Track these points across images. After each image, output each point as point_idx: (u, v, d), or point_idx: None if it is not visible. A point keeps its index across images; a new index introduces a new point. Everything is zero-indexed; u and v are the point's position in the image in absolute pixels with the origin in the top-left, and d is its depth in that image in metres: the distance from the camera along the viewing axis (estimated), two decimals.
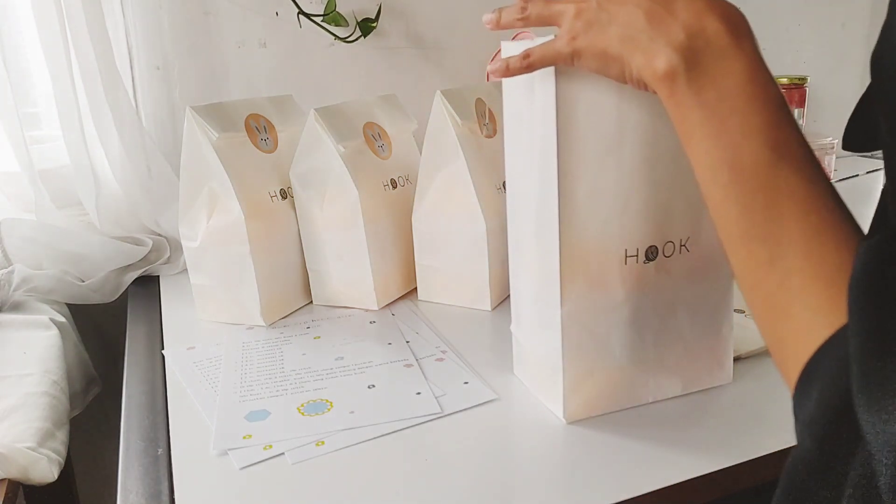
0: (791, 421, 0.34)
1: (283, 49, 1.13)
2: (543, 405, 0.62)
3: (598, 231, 0.55)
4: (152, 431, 0.62)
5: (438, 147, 0.82)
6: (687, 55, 0.40)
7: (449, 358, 0.72)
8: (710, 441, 0.56)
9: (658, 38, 0.41)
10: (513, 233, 0.64)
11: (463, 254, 0.84)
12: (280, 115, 0.89)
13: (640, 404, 0.61)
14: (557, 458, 0.55)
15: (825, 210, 0.35)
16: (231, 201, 0.78)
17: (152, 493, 0.53)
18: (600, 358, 0.58)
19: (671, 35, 0.41)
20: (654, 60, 0.41)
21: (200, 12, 1.07)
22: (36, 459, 0.65)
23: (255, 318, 0.82)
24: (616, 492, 0.50)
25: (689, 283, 0.59)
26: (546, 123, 0.53)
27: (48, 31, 0.90)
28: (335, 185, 0.82)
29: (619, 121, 0.53)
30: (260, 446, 0.57)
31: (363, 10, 1.15)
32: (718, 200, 0.38)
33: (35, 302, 0.93)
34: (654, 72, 0.41)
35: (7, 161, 0.96)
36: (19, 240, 0.94)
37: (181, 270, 1.01)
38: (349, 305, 0.88)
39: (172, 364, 0.73)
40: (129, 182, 0.98)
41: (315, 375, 0.69)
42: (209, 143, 0.77)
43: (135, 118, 0.97)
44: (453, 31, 1.23)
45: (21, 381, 0.75)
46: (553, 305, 0.57)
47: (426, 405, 0.63)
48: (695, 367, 0.62)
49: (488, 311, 0.85)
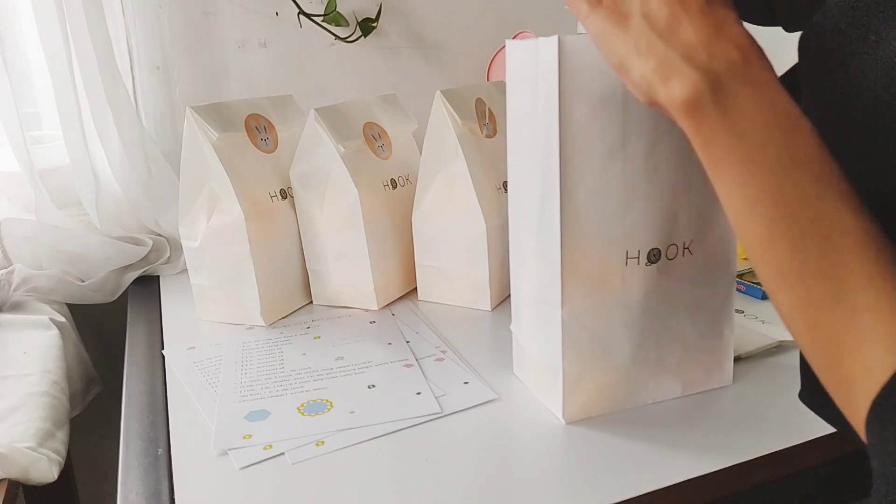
0: (791, 421, 0.34)
1: (283, 49, 1.13)
2: (543, 405, 0.62)
3: (600, 232, 0.55)
4: (152, 431, 0.62)
5: (438, 147, 0.82)
6: (710, 77, 0.38)
7: (449, 358, 0.72)
8: (710, 442, 0.56)
9: (679, 58, 0.39)
10: (514, 233, 0.64)
11: (463, 254, 0.84)
12: (280, 115, 0.89)
13: (639, 405, 0.61)
14: (557, 458, 0.55)
15: (880, 241, 0.34)
16: (231, 201, 0.78)
17: (152, 493, 0.53)
18: (600, 359, 0.58)
19: (692, 55, 0.38)
20: (674, 83, 0.39)
21: (200, 12, 1.07)
22: (36, 459, 0.65)
23: (255, 318, 0.82)
24: (616, 492, 0.50)
25: (692, 286, 0.59)
26: (548, 123, 0.53)
27: (48, 32, 0.90)
28: (335, 185, 0.82)
29: (624, 122, 0.52)
30: (260, 446, 0.57)
31: (363, 10, 1.15)
32: (763, 236, 0.36)
33: (35, 302, 0.93)
34: (673, 96, 0.39)
35: (7, 161, 0.96)
36: (19, 240, 0.94)
37: (181, 270, 1.01)
38: (349, 305, 0.88)
39: (172, 364, 0.73)
40: (129, 182, 0.98)
41: (315, 375, 0.69)
42: (209, 143, 0.77)
43: (135, 118, 0.97)
44: (453, 31, 1.23)
45: (21, 381, 0.75)
46: (553, 306, 0.57)
47: (426, 405, 0.63)
48: (695, 369, 0.62)
49: (488, 311, 0.85)
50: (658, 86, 0.40)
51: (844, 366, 0.34)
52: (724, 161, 0.38)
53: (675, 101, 0.39)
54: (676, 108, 0.39)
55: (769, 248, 0.36)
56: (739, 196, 0.37)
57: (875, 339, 0.32)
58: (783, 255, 0.36)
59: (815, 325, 0.35)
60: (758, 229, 0.37)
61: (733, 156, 0.37)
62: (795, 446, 0.54)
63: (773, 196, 0.36)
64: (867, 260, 0.33)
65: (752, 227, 0.37)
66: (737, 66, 0.38)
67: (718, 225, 0.58)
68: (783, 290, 0.36)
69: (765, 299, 0.82)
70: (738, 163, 0.37)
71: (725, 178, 0.38)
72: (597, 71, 0.51)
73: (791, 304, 0.36)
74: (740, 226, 0.38)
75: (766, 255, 0.37)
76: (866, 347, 0.33)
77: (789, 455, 0.54)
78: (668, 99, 0.39)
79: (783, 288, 0.36)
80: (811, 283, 0.35)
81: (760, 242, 0.37)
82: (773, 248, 0.36)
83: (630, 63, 0.41)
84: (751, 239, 0.37)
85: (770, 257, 0.36)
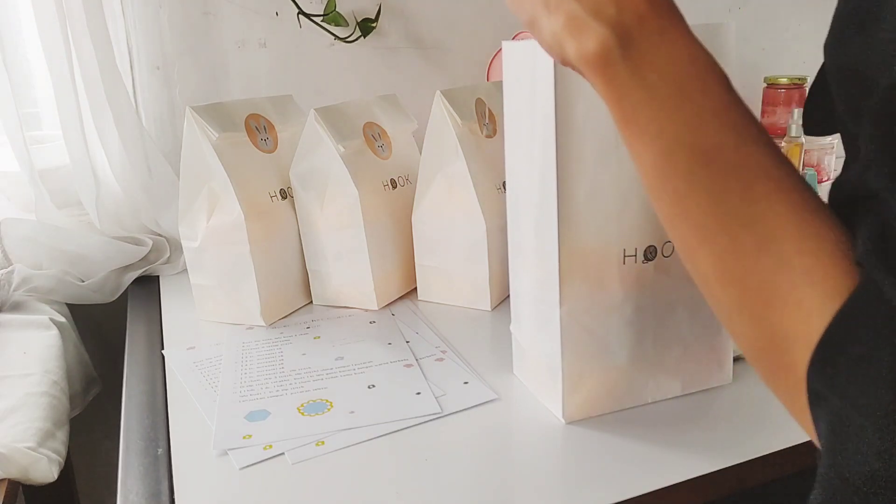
0: (791, 421, 0.33)
1: (283, 49, 1.13)
2: (543, 405, 0.62)
3: (597, 231, 0.55)
4: (152, 431, 0.62)
5: (438, 147, 0.82)
6: (619, 32, 0.36)
7: (449, 358, 0.72)
8: (710, 441, 0.56)
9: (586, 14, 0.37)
10: (513, 233, 0.64)
11: (463, 254, 0.84)
12: (280, 115, 0.89)
13: (639, 405, 0.61)
14: (557, 458, 0.55)
15: (802, 187, 0.33)
16: (231, 201, 0.78)
17: (152, 493, 0.53)
18: (599, 358, 0.58)
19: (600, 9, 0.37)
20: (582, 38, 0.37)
21: (200, 12, 1.07)
22: (36, 459, 0.65)
23: (255, 318, 0.82)
24: (615, 492, 0.50)
25: (689, 284, 0.58)
26: (546, 123, 0.53)
27: (48, 32, 0.90)
28: (335, 185, 0.82)
29: None
30: (260, 446, 0.57)
31: (363, 10, 1.15)
32: (681, 190, 0.35)
33: (35, 302, 0.93)
34: (583, 52, 0.37)
35: (7, 161, 0.96)
36: (19, 240, 0.94)
37: (181, 270, 1.01)
38: (349, 305, 0.88)
39: (172, 364, 0.73)
40: (129, 182, 0.98)
41: (315, 375, 0.69)
42: (209, 143, 0.77)
43: (135, 118, 0.97)
44: (453, 31, 1.23)
45: (21, 381, 0.75)
46: (552, 305, 0.57)
47: (426, 405, 0.63)
48: (694, 368, 0.62)
49: (488, 311, 0.85)
50: (567, 43, 0.38)
51: (777, 317, 0.32)
52: (637, 116, 0.37)
53: (585, 57, 0.37)
54: (586, 64, 0.38)
55: (689, 203, 0.35)
56: (655, 151, 0.36)
57: (811, 284, 0.31)
58: (704, 208, 0.34)
59: (742, 277, 0.33)
60: (676, 184, 0.35)
61: (646, 110, 0.36)
62: (795, 446, 0.54)
63: (690, 147, 0.35)
64: (792, 205, 0.32)
65: (670, 183, 0.36)
66: (646, 19, 0.36)
67: None
68: (705, 246, 0.35)
69: None
70: (651, 118, 0.36)
71: (640, 134, 0.37)
72: None
73: (715, 260, 0.34)
74: (656, 184, 0.37)
75: (685, 211, 0.35)
76: (802, 292, 0.31)
77: (789, 455, 0.54)
78: (578, 56, 0.38)
79: (705, 243, 0.35)
80: (736, 232, 0.33)
81: (679, 198, 0.35)
82: (693, 202, 0.35)
83: (540, 21, 0.40)
84: (668, 196, 0.36)
85: (691, 211, 0.35)
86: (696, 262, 0.36)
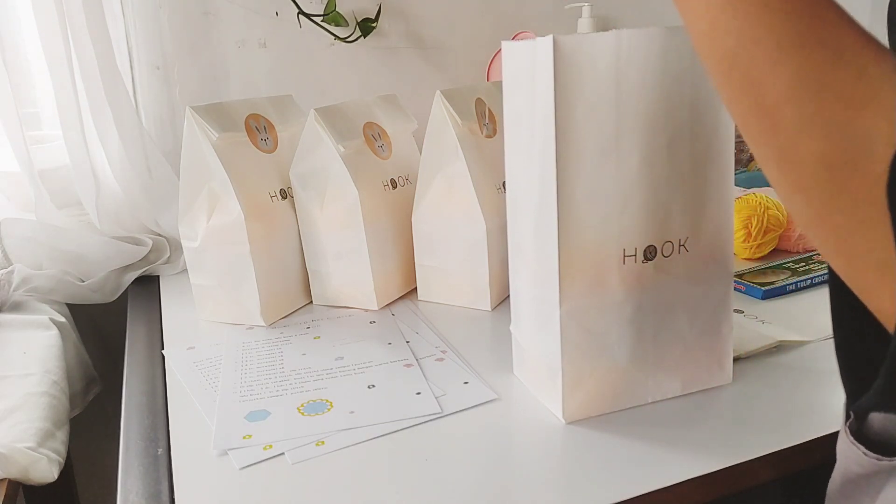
0: (791, 421, 0.33)
1: (283, 49, 1.13)
2: (543, 405, 0.62)
3: (597, 231, 0.55)
4: (152, 431, 0.62)
5: (438, 147, 0.82)
6: None
7: (449, 358, 0.72)
8: (710, 441, 0.56)
9: None
10: (512, 233, 0.64)
11: (463, 254, 0.84)
12: (280, 115, 0.89)
13: (639, 404, 0.61)
14: (557, 458, 0.55)
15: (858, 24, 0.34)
16: (231, 201, 0.78)
17: (152, 493, 0.53)
18: (599, 358, 0.58)
19: None
20: None
21: (200, 12, 1.07)
22: (36, 459, 0.65)
23: (255, 318, 0.82)
24: (615, 492, 0.50)
25: (689, 284, 0.59)
26: (545, 123, 0.53)
27: (48, 31, 0.90)
28: (335, 186, 0.82)
29: (618, 121, 0.53)
30: (260, 446, 0.57)
31: (363, 10, 1.15)
32: (752, 14, 0.36)
33: (35, 302, 0.93)
34: None
35: (7, 161, 0.96)
36: (19, 240, 0.94)
37: (181, 270, 1.01)
38: (349, 305, 0.88)
39: (172, 364, 0.73)
40: (129, 182, 0.98)
41: (315, 375, 0.69)
42: (209, 143, 0.77)
43: (135, 118, 0.97)
44: (453, 31, 1.23)
45: (21, 381, 0.75)
46: (552, 305, 0.57)
47: (426, 405, 0.63)
48: (694, 368, 0.62)
49: (488, 311, 0.85)
50: None
51: (859, 120, 0.33)
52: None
53: None
54: None
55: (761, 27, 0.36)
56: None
57: (892, 87, 0.32)
58: (778, 26, 0.35)
59: (820, 90, 0.34)
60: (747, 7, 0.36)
61: None
62: (795, 446, 0.54)
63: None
64: (862, 30, 0.33)
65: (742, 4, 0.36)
66: None
67: (712, 220, 0.58)
68: (782, 63, 0.35)
69: (765, 299, 0.82)
70: None
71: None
72: (592, 71, 0.52)
73: (790, 76, 0.35)
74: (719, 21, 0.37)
75: (761, 31, 0.36)
76: (884, 94, 0.32)
77: (789, 455, 0.54)
78: None
79: (782, 60, 0.35)
80: (811, 49, 0.34)
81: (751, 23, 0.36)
82: (766, 23, 0.35)
83: None
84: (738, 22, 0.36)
85: (761, 37, 0.36)
86: (768, 86, 0.36)
